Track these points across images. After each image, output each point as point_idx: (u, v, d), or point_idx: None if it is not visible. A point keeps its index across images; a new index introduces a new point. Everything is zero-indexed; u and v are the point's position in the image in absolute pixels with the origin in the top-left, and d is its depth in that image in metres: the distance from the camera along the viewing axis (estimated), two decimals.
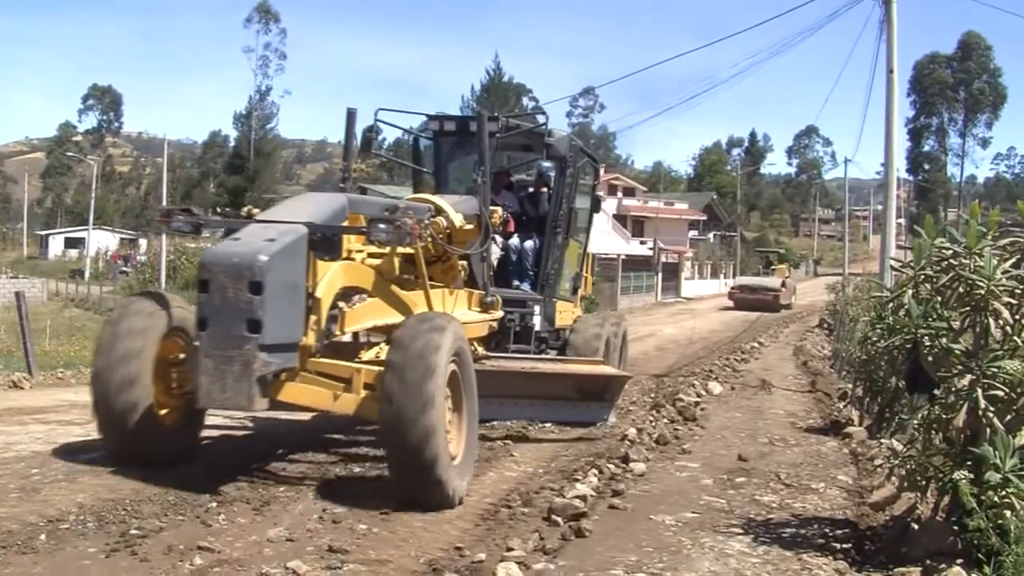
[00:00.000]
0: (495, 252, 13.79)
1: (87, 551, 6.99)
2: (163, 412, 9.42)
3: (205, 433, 10.52)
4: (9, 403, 14.88)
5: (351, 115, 13.14)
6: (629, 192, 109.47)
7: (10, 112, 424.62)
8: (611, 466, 10.20)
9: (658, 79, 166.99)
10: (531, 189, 15.81)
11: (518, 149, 16.21)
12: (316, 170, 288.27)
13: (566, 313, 15.79)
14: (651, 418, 14.24)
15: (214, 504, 8.32)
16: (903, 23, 25.33)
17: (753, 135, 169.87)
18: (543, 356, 14.46)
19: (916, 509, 7.42)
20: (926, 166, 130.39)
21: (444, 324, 9.04)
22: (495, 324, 13.26)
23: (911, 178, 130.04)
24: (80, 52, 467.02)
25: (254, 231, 9.10)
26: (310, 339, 9.13)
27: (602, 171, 19.26)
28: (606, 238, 62.77)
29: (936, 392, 6.85)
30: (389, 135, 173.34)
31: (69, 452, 10.66)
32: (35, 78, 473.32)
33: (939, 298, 6.93)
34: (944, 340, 6.83)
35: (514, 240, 14.99)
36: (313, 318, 9.16)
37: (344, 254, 9.85)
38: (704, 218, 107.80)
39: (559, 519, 7.93)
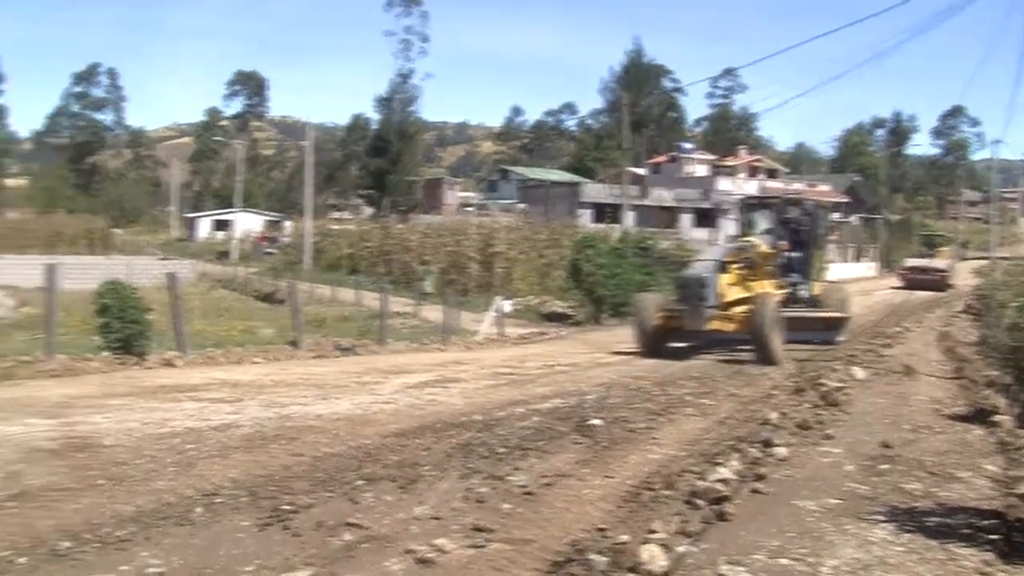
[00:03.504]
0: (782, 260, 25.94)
1: (241, 524, 7.23)
2: (659, 334, 22.51)
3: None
4: (163, 381, 15.35)
5: (742, 202, 30.84)
6: (771, 174, 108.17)
7: (160, 99, 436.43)
8: (753, 450, 10.10)
9: (800, 59, 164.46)
10: (793, 225, 27.10)
11: (789, 205, 28.48)
12: (457, 152, 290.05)
13: (816, 287, 27.07)
14: (793, 402, 14.09)
15: (361, 482, 8.52)
16: None
17: (897, 116, 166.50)
18: (808, 309, 25.47)
19: None
20: None
21: (770, 296, 22.54)
22: (784, 295, 24.71)
23: None
24: (226, 39, 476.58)
25: (697, 265, 23.24)
26: (718, 303, 21.87)
27: (831, 215, 34.13)
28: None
29: None
30: (530, 119, 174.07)
31: (221, 428, 11.00)
32: (184, 66, 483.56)
33: None
34: None
35: (788, 252, 25.89)
36: (718, 296, 21.90)
37: (727, 270, 22.56)
38: (847, 200, 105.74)
39: (701, 502, 7.91)
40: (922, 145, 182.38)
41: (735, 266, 23.01)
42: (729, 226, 35.73)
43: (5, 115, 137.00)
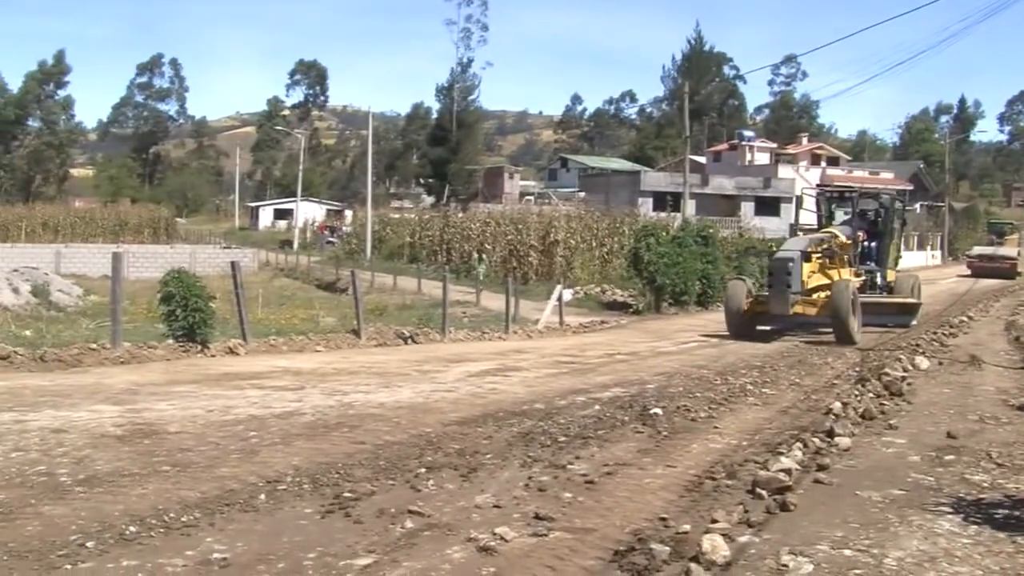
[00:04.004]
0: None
1: (303, 511, 7.28)
2: (746, 318, 25.08)
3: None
4: (226, 368, 15.51)
5: (821, 194, 31.64)
6: (833, 161, 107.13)
7: (223, 89, 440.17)
8: (816, 440, 9.99)
9: (862, 46, 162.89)
10: (870, 216, 29.74)
11: (866, 198, 30.93)
12: (517, 141, 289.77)
13: (891, 275, 29.39)
14: (856, 392, 13.92)
15: (423, 470, 8.56)
16: None
17: (963, 102, 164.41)
18: (883, 295, 28.26)
19: None
20: None
21: (848, 282, 24.64)
22: (862, 281, 27.27)
23: None
24: (287, 29, 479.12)
25: (782, 253, 25.21)
26: (802, 289, 24.33)
27: (906, 203, 38.56)
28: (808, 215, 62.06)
29: None
30: (590, 107, 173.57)
31: (284, 416, 11.09)
32: (246, 56, 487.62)
33: None
34: None
35: (865, 242, 28.53)
36: (801, 283, 24.33)
37: (810, 259, 24.93)
38: (910, 188, 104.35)
39: (764, 492, 7.83)
40: (988, 131, 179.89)
41: (817, 255, 25.51)
42: (792, 215, 36.62)
43: (71, 106, 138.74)
